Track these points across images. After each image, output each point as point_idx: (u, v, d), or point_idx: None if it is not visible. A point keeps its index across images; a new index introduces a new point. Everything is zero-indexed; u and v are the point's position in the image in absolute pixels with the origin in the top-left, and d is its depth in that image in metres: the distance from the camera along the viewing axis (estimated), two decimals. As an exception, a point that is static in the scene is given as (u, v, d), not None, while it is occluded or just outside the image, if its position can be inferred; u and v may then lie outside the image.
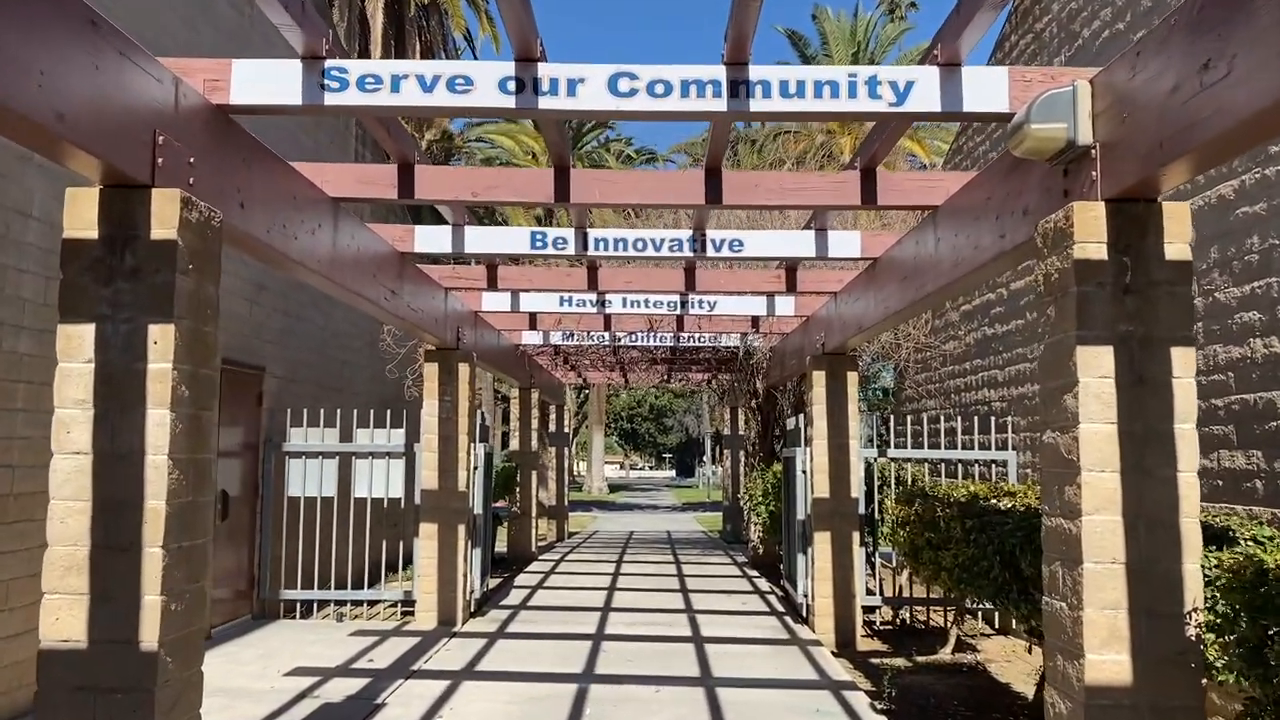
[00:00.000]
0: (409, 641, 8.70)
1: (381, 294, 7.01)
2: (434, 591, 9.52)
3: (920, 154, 26.38)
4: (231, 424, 9.26)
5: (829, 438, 9.52)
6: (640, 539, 21.16)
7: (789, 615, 10.34)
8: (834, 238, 7.44)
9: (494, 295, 10.66)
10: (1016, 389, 9.75)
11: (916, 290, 6.28)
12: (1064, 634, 3.76)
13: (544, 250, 7.46)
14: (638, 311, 10.67)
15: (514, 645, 8.65)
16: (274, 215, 4.98)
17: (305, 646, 8.43)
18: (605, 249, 7.45)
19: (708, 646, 8.65)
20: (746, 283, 9.30)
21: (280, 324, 10.33)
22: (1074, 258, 3.73)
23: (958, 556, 5.65)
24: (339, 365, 12.24)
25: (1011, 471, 9.71)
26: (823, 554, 9.38)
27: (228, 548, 9.22)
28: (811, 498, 9.56)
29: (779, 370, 13.10)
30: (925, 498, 6.52)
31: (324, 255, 5.77)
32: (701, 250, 7.41)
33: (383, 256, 7.09)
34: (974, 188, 5.24)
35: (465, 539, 9.65)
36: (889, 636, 9.68)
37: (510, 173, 5.90)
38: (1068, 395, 3.76)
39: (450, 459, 9.65)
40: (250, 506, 9.73)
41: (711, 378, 19.86)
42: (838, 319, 8.98)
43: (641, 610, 10.56)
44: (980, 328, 10.87)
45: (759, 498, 13.64)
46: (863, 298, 7.89)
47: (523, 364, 14.63)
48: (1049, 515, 3.93)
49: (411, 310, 7.92)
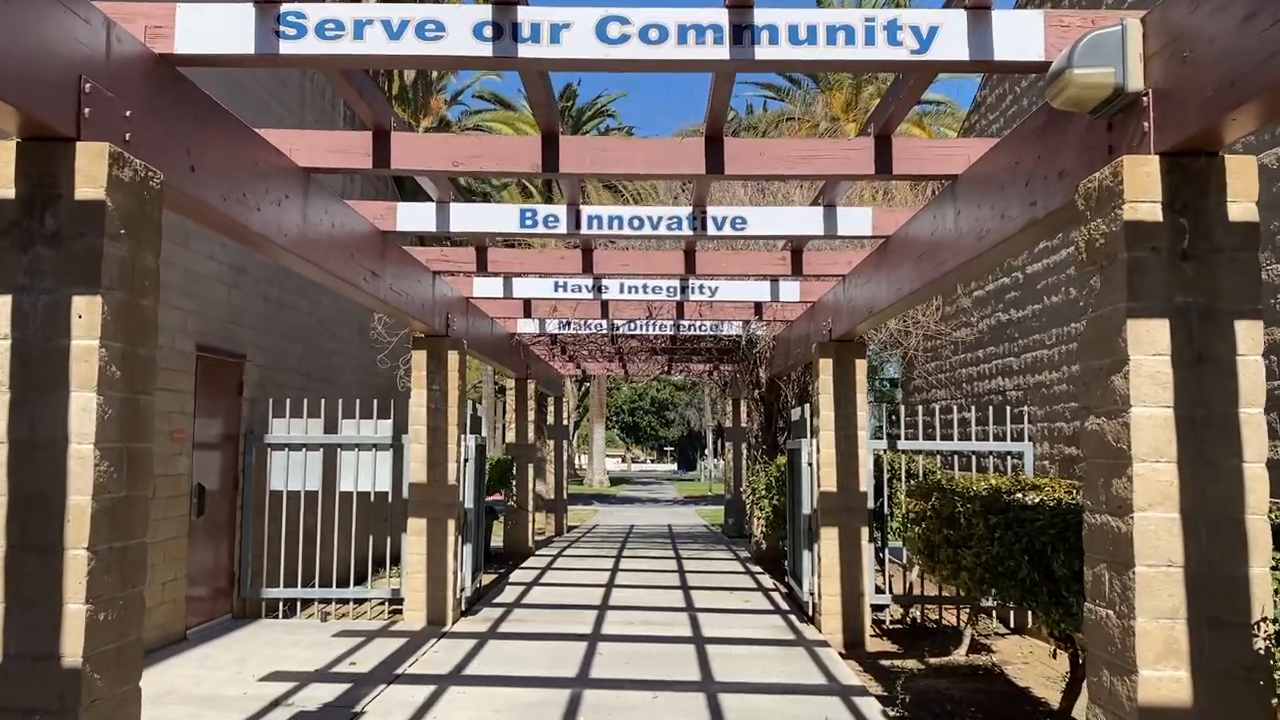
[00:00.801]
0: (395, 643, 8.27)
1: (361, 275, 6.57)
2: (422, 590, 9.09)
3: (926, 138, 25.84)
4: (209, 414, 8.83)
5: (836, 429, 9.08)
6: (640, 533, 20.74)
7: (794, 614, 9.91)
8: (843, 215, 6.99)
9: (486, 281, 10.23)
10: (1033, 377, 9.30)
11: (934, 269, 5.83)
12: (1111, 646, 3.32)
13: (534, 229, 7.02)
14: (635, 298, 10.23)
15: (505, 647, 8.22)
16: (232, 182, 4.54)
17: (285, 648, 8.01)
18: (599, 228, 7.00)
19: (709, 647, 8.23)
20: (750, 265, 8.85)
21: (263, 310, 9.89)
22: (1123, 219, 3.28)
23: (980, 555, 5.21)
24: (327, 354, 11.81)
25: (1028, 463, 9.26)
26: (829, 550, 8.95)
27: (205, 544, 8.79)
28: (818, 492, 9.12)
29: (783, 360, 12.66)
30: (943, 492, 6.08)
31: (292, 230, 5.33)
32: (702, 228, 6.96)
33: (361, 235, 6.65)
34: (1000, 152, 4.79)
35: (455, 535, 9.22)
36: (899, 636, 9.25)
37: (494, 141, 5.47)
38: (1116, 376, 3.31)
39: (439, 451, 9.21)
40: (230, 501, 9.30)
41: (713, 369, 19.42)
42: (846, 303, 8.54)
43: (640, 608, 10.14)
44: (994, 314, 10.42)
45: (762, 491, 13.21)
46: (873, 279, 7.45)
47: (518, 354, 14.19)
48: (1093, 511, 3.49)
49: (395, 294, 7.47)
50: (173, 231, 8.07)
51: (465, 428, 9.70)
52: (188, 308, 8.35)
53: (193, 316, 8.43)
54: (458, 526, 9.28)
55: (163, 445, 7.92)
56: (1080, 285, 3.62)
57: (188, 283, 8.35)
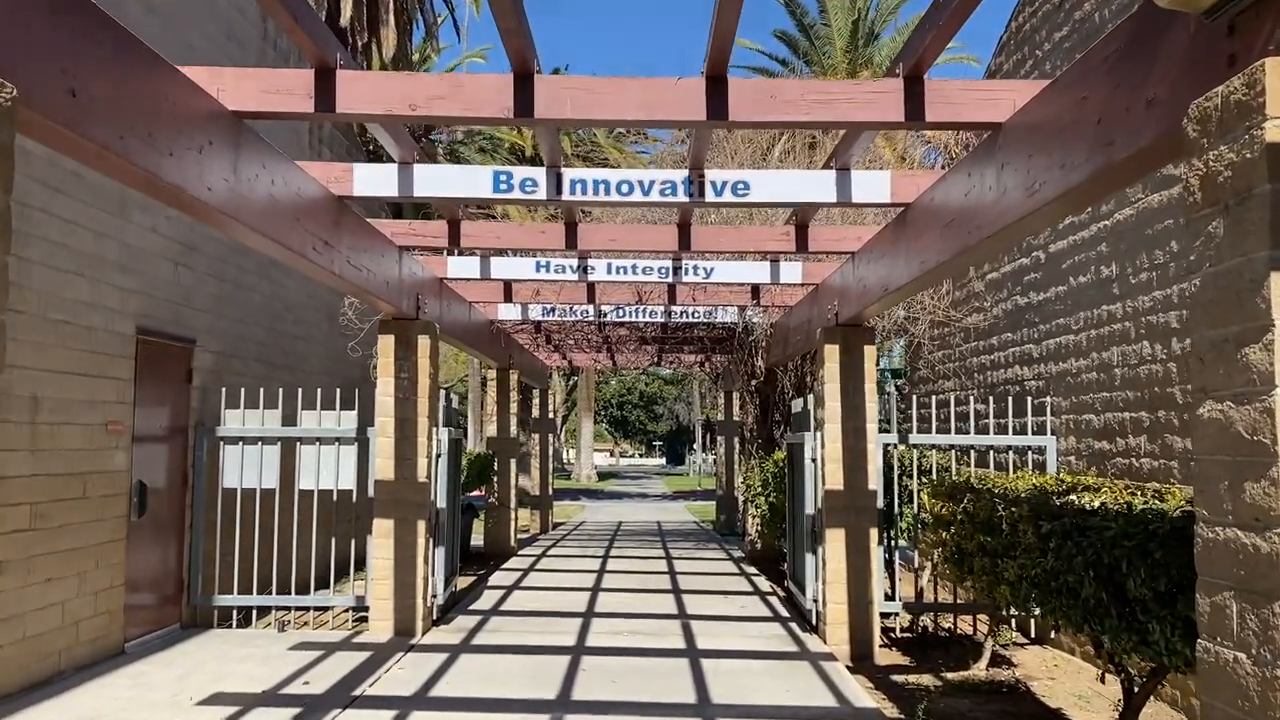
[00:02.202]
0: (357, 657, 7.46)
1: (309, 244, 5.75)
2: (389, 598, 8.28)
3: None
4: (153, 404, 7.99)
5: (843, 421, 8.31)
6: (629, 530, 19.96)
7: (795, 622, 9.14)
8: (858, 180, 6.20)
9: (461, 261, 9.42)
10: (1057, 365, 8.54)
11: (967, 236, 5.05)
12: (1244, 700, 2.54)
13: (509, 194, 6.21)
14: (624, 279, 9.43)
15: (479, 662, 7.42)
16: (133, 118, 3.72)
17: (234, 664, 7.19)
18: (583, 193, 6.20)
19: (705, 662, 7.45)
20: (750, 241, 8.05)
21: (216, 291, 9.05)
22: (1265, 141, 2.50)
23: (1028, 567, 4.44)
24: (292, 341, 10.97)
25: (1051, 459, 8.51)
26: (835, 554, 8.19)
27: (149, 547, 7.96)
28: (823, 489, 8.35)
29: (781, 348, 11.88)
30: (977, 492, 5.31)
31: (219, 185, 4.51)
32: (699, 194, 6.17)
33: (311, 199, 5.83)
34: (1059, 90, 4.01)
35: (426, 537, 8.41)
36: (909, 647, 8.50)
37: (460, 80, 4.63)
38: (1251, 347, 2.54)
39: (408, 445, 8.40)
40: (179, 500, 8.46)
41: (705, 359, 18.63)
42: (855, 284, 7.76)
43: (629, 615, 9.35)
44: (1011, 297, 9.66)
45: (758, 488, 12.44)
46: (890, 254, 6.67)
47: (499, 342, 13.36)
48: (1211, 524, 2.72)
49: (354, 269, 6.65)
50: (108, 199, 7.24)
51: (438, 419, 8.89)
52: (126, 286, 7.51)
53: (133, 296, 7.59)
54: (428, 528, 8.47)
55: (97, 439, 7.09)
56: (1192, 235, 2.84)
57: (126, 258, 7.51)
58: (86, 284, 6.96)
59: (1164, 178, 6.84)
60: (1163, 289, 6.86)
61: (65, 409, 6.70)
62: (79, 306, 6.87)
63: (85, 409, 6.93)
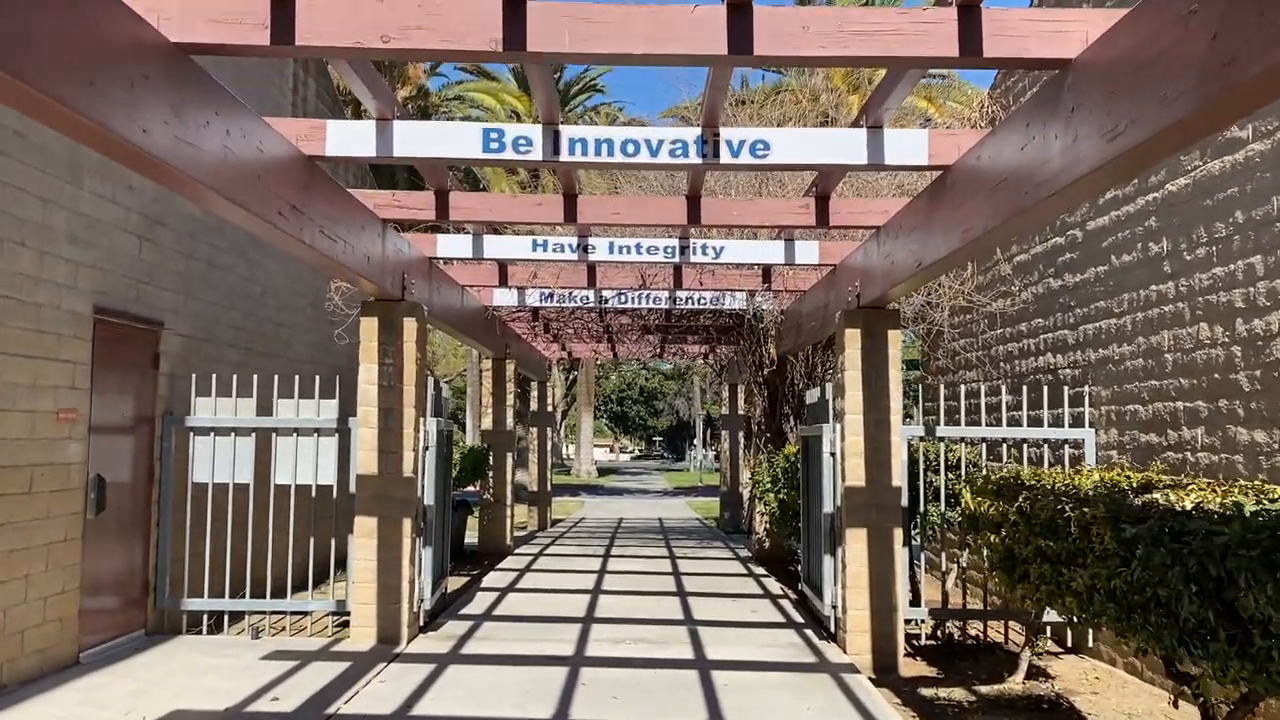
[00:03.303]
0: (335, 668, 6.81)
1: (273, 207, 5.09)
2: (372, 602, 7.63)
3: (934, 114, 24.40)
4: (114, 391, 7.33)
5: (865, 412, 7.66)
6: (630, 528, 19.31)
7: (811, 628, 8.49)
8: (892, 139, 5.54)
9: (452, 240, 8.76)
10: (1097, 351, 7.88)
11: (1023, 197, 4.39)
12: None
13: (501, 154, 5.54)
14: (627, 259, 8.76)
15: (468, 674, 6.77)
16: (37, 35, 3.05)
17: (199, 676, 6.54)
18: (583, 154, 5.53)
19: (715, 674, 6.80)
20: (766, 215, 7.37)
21: (186, 269, 8.38)
22: None
23: (1102, 577, 3.78)
24: (274, 326, 10.30)
25: (1089, 453, 7.85)
26: (857, 556, 7.54)
27: (109, 547, 7.31)
28: (843, 486, 7.70)
29: (793, 336, 11.21)
30: (1035, 490, 4.65)
31: (158, 129, 3.84)
32: (714, 155, 5.50)
33: (276, 157, 5.16)
34: (1155, 9, 3.34)
35: (412, 537, 7.75)
36: (934, 656, 7.85)
37: (439, 6, 3.96)
38: None
39: (393, 437, 7.74)
40: (144, 495, 7.80)
41: (710, 351, 17.97)
42: (880, 261, 7.10)
43: (631, 621, 8.70)
44: (1043, 280, 9.00)
45: (767, 484, 11.77)
46: (924, 225, 6.00)
47: (494, 330, 12.70)
48: None
49: (328, 239, 5.99)
50: (57, 162, 6.57)
51: (425, 409, 8.23)
52: (81, 260, 6.85)
53: (88, 272, 6.93)
54: (415, 527, 7.81)
55: (45, 428, 6.44)
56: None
57: (80, 229, 6.84)
58: (31, 255, 6.29)
59: (1228, 141, 6.18)
60: (1225, 265, 6.19)
61: (5, 394, 6.04)
62: (21, 280, 6.20)
63: (29, 394, 6.26)
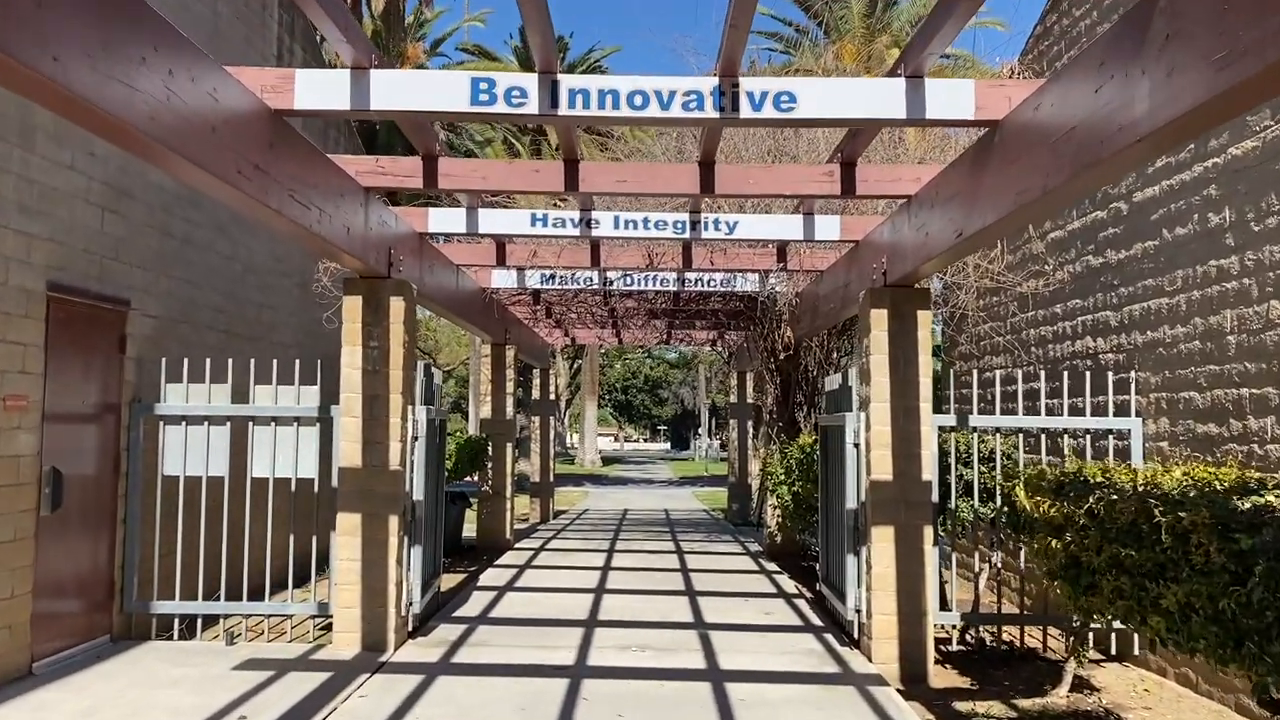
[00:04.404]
0: (313, 679, 6.21)
1: (233, 165, 4.46)
2: (355, 606, 7.03)
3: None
4: (73, 376, 6.72)
5: (892, 399, 7.03)
6: (635, 519, 18.72)
7: (830, 632, 7.88)
8: (934, 90, 4.89)
9: (444, 213, 8.13)
10: (1145, 334, 7.24)
11: (1098, 148, 3.74)
12: None
13: (491, 107, 4.91)
14: (633, 235, 8.12)
15: (459, 688, 6.17)
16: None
17: (162, 690, 5.94)
18: (585, 106, 4.89)
19: (730, 687, 6.19)
20: (786, 182, 6.71)
21: (158, 246, 7.76)
22: None
23: (1208, 597, 3.16)
24: (256, 309, 9.68)
25: (1136, 444, 7.22)
26: (883, 555, 6.93)
27: (70, 546, 6.71)
28: (868, 480, 7.08)
29: (809, 319, 10.58)
30: (1111, 489, 4.02)
31: (77, 64, 3.21)
32: (732, 109, 4.86)
33: (236, 108, 4.53)
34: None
35: (399, 534, 7.15)
36: (965, 664, 7.24)
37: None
38: None
39: (378, 426, 7.13)
40: (110, 489, 7.20)
41: (719, 337, 17.34)
42: (912, 234, 6.46)
43: (637, 625, 8.09)
44: (1081, 258, 8.34)
45: (780, 476, 11.15)
46: (966, 190, 5.35)
47: (492, 313, 12.07)
48: None
49: (300, 206, 5.35)
50: (4, 123, 5.95)
51: (414, 397, 7.61)
52: (33, 232, 6.23)
53: (42, 245, 6.31)
54: (403, 524, 7.20)
55: (-9, 416, 5.83)
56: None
57: (32, 198, 6.22)
58: (-29, 225, 5.68)
59: (1307, 96, 5.51)
60: (1302, 235, 5.54)
61: (-56, 379, 5.43)
62: (-37, 253, 5.59)
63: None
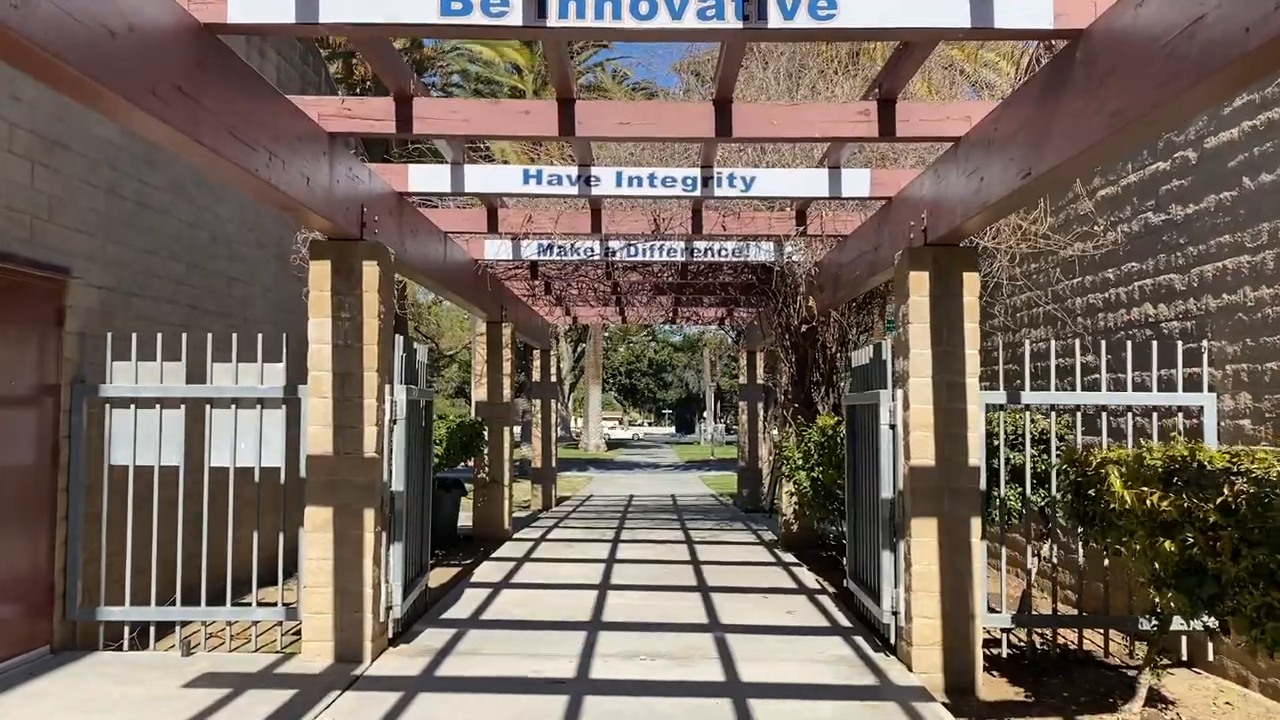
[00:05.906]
0: (276, 698, 5.40)
1: (144, 84, 3.60)
2: (327, 611, 6.21)
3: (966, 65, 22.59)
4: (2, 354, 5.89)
5: (934, 374, 6.19)
6: (641, 506, 17.92)
7: (861, 634, 7.06)
8: (1006, -8, 4.02)
9: (426, 170, 7.28)
10: (1219, 298, 6.37)
11: (1228, 49, 2.88)
12: None
13: (466, 17, 4.04)
14: (637, 193, 7.25)
15: (442, 708, 5.35)
16: None
17: (98, 713, 5.14)
18: (579, 16, 4.03)
19: (753, 705, 5.37)
20: (815, 123, 5.81)
21: (104, 208, 6.91)
22: None
23: None
24: (225, 281, 8.84)
25: (1209, 421, 6.37)
26: (924, 551, 6.11)
27: (4, 546, 5.89)
28: (906, 466, 6.24)
29: (830, 290, 9.71)
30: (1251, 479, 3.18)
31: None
32: (758, 16, 3.99)
33: (151, 16, 3.66)
34: None
35: (376, 530, 6.32)
36: (1016, 671, 6.42)
37: None
38: None
39: (351, 409, 6.29)
40: (48, 482, 6.37)
41: (728, 314, 16.47)
42: (961, 182, 5.59)
43: (645, 627, 7.27)
44: (1138, 215, 7.46)
45: (798, 461, 10.32)
46: (1035, 121, 4.48)
47: (485, 287, 11.21)
48: None
49: (242, 146, 4.49)
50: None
51: (393, 375, 6.76)
52: (-56, 186, 5.39)
53: (-44, 201, 5.47)
54: (380, 518, 6.37)
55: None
56: None
57: (-59, 146, 5.38)
58: None
59: None
60: None
61: None
62: None
63: None
